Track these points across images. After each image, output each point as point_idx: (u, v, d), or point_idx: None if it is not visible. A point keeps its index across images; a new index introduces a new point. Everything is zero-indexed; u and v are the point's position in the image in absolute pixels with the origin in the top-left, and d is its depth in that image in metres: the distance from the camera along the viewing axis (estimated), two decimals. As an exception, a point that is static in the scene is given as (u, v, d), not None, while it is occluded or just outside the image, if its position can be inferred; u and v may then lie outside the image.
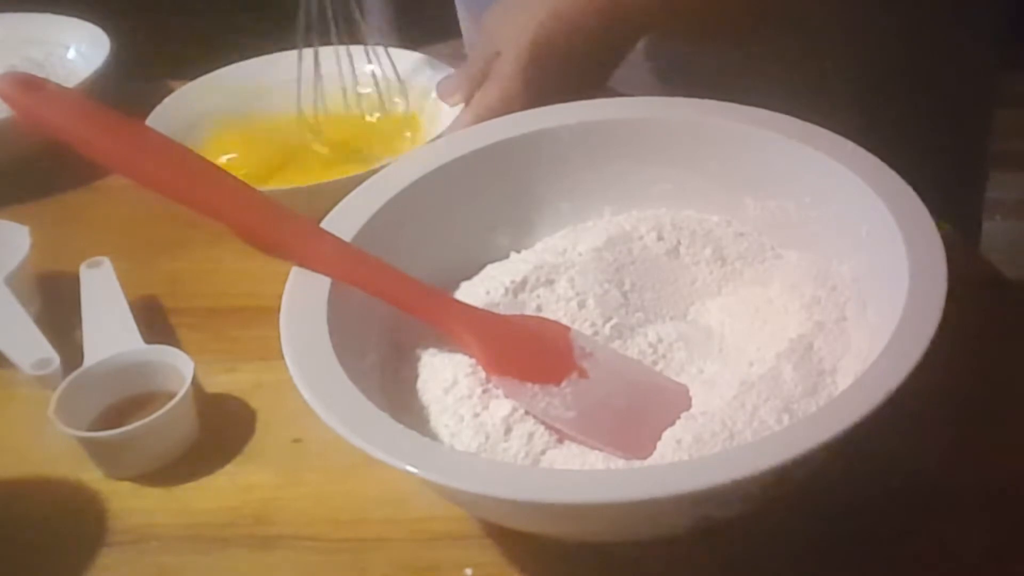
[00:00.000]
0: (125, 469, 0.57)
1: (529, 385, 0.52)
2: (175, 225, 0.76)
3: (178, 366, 0.59)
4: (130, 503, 0.56)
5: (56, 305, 0.67)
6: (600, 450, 0.51)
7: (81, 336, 0.61)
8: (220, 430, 0.60)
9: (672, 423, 0.50)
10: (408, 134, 0.81)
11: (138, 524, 0.55)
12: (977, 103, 0.90)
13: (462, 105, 0.71)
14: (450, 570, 0.52)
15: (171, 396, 0.57)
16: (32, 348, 0.60)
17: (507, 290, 0.57)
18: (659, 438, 0.49)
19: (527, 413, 0.51)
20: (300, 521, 0.55)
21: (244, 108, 0.83)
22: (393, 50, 0.82)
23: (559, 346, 0.54)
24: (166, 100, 0.80)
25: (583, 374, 0.53)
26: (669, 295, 0.59)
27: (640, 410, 0.52)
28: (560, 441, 0.51)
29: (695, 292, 0.59)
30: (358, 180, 0.60)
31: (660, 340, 0.56)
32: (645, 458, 0.50)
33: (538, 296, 0.57)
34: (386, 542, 0.54)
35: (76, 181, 0.82)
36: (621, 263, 0.59)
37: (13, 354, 0.60)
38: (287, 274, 0.54)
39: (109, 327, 0.62)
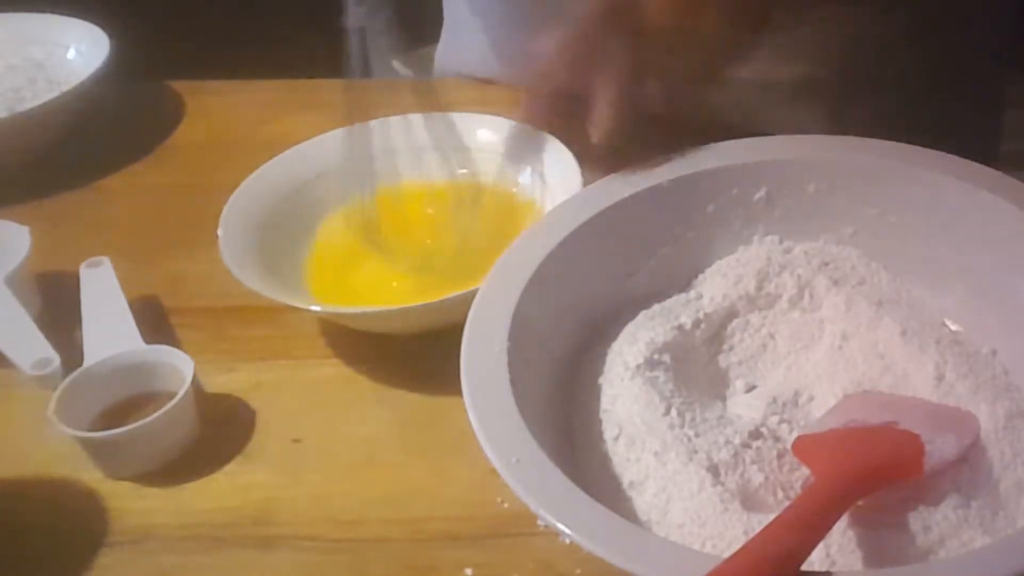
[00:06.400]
0: (125, 469, 0.57)
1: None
2: (175, 225, 0.77)
3: (178, 366, 0.59)
4: (130, 503, 0.56)
5: (56, 305, 0.67)
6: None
7: (81, 336, 0.61)
8: (220, 430, 0.60)
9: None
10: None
11: (138, 524, 0.55)
12: (986, 104, 0.90)
13: None
14: (450, 570, 0.52)
15: (171, 396, 0.57)
16: (32, 348, 0.60)
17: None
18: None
19: None
20: (300, 521, 0.55)
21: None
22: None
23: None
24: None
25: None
26: None
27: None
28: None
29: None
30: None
31: None
32: None
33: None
34: (386, 542, 0.54)
35: (76, 181, 0.81)
36: None
37: (13, 354, 0.60)
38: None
39: (109, 327, 0.62)
